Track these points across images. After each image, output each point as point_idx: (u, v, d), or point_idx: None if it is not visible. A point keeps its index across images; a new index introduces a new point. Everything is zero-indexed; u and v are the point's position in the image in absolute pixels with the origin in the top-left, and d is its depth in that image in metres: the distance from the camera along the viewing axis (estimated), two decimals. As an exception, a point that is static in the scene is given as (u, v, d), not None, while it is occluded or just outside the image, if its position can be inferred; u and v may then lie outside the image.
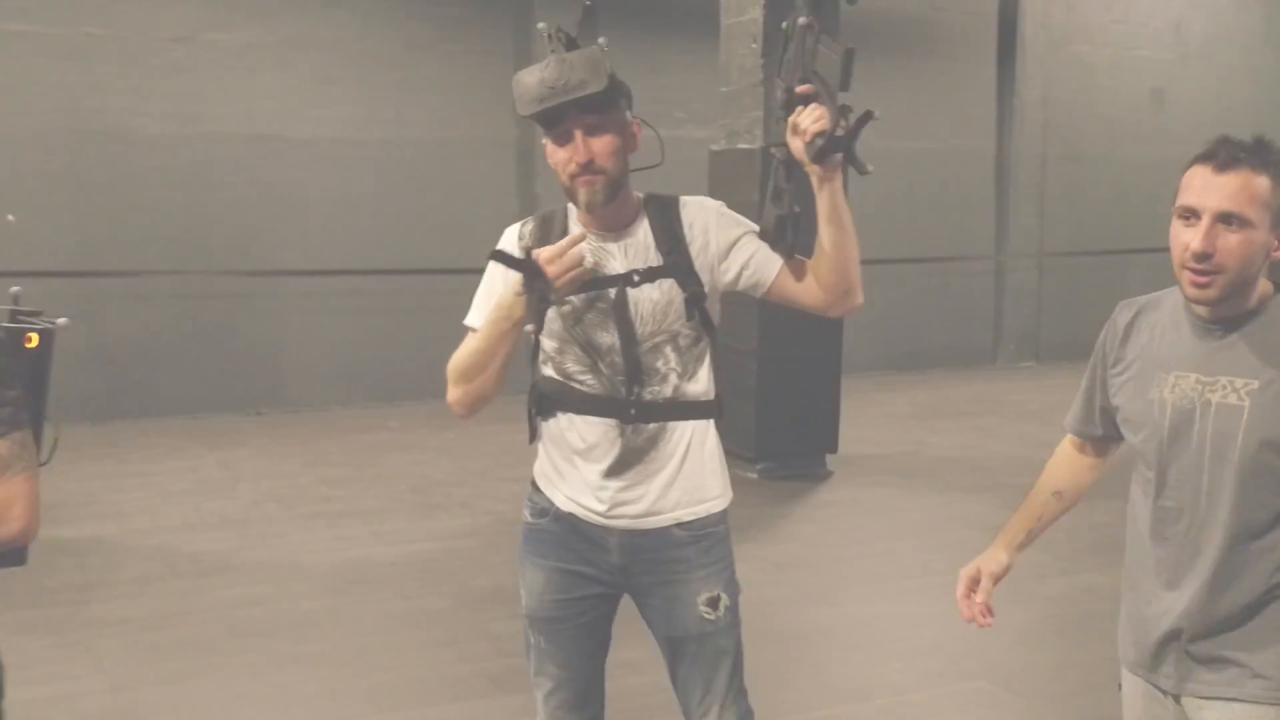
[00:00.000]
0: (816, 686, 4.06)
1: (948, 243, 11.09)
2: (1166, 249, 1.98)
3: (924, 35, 10.85)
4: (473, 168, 9.21)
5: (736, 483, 2.47)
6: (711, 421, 2.39)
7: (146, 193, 8.40)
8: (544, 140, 2.31)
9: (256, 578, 5.10)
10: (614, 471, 2.32)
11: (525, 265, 2.20)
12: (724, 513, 2.42)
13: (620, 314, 2.29)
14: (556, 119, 2.23)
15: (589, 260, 2.24)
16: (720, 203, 2.39)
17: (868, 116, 2.06)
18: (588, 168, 2.23)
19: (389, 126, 8.97)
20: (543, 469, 2.44)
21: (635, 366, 2.29)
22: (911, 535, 5.84)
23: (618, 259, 2.32)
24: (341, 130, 8.90)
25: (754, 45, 6.78)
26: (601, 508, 2.34)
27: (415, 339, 8.69)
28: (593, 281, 2.29)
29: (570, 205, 2.36)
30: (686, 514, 2.35)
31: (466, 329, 2.39)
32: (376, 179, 9.00)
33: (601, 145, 2.23)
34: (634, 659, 3.13)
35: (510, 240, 2.41)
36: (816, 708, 3.88)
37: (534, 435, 2.44)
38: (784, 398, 6.77)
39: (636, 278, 2.29)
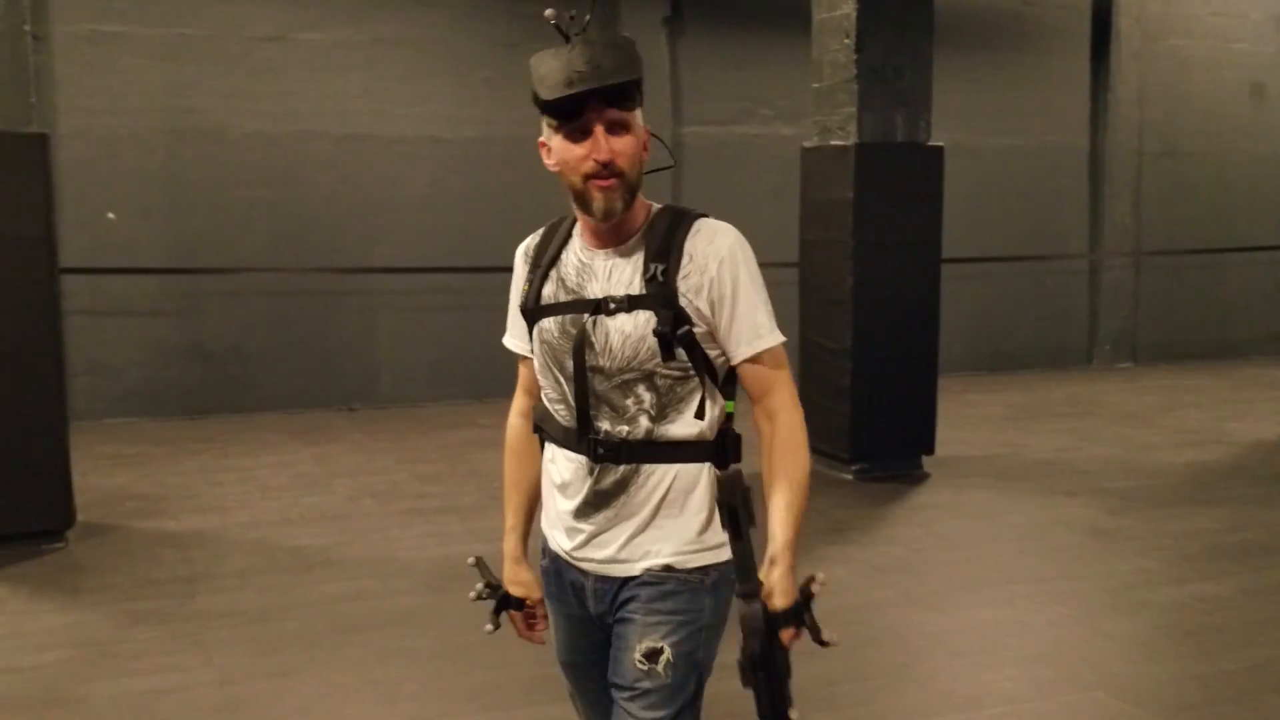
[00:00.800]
0: (927, 694, 3.97)
1: (1041, 241, 10.87)
2: (1268, 247, 1.88)
3: (1016, 29, 10.65)
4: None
5: (831, 483, 2.34)
6: (707, 466, 2.06)
7: (241, 191, 8.53)
8: (543, 139, 2.03)
9: (357, 573, 5.13)
10: (582, 513, 2.09)
11: (495, 594, 2.29)
12: (706, 569, 2.07)
13: (578, 344, 2.03)
14: (577, 110, 1.94)
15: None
16: (736, 240, 2.05)
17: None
18: (608, 168, 1.95)
19: (478, 125, 9.00)
20: (543, 506, 2.26)
21: (585, 401, 2.04)
22: (1014, 539, 5.71)
23: (599, 280, 2.05)
24: (431, 128, 8.96)
25: (846, 40, 6.70)
26: (569, 545, 2.14)
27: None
28: (570, 304, 2.07)
29: (577, 216, 2.08)
30: (656, 563, 2.06)
31: (509, 349, 2.33)
32: (466, 176, 9.05)
33: (624, 145, 1.96)
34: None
35: (519, 259, 2.21)
36: (929, 716, 3.79)
37: None
38: (879, 398, 6.65)
39: (612, 305, 2.01)
